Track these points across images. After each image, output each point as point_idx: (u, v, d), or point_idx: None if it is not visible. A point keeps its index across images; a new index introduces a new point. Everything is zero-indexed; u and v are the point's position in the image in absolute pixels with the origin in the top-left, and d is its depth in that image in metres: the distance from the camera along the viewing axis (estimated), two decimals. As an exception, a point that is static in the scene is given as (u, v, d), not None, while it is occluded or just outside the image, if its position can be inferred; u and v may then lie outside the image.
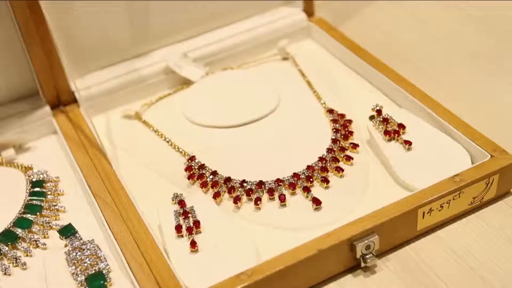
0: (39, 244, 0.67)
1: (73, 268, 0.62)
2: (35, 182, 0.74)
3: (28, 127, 0.82)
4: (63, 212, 0.72)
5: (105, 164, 0.74)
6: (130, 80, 0.86)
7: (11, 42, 0.79)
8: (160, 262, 0.62)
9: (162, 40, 0.89)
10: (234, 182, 0.70)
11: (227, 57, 0.90)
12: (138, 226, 0.66)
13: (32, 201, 0.71)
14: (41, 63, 0.80)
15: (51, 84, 0.82)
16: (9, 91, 0.83)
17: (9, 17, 0.77)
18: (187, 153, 0.75)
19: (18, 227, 0.68)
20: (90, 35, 0.84)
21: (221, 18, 0.91)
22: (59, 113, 0.83)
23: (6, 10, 0.77)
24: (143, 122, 0.82)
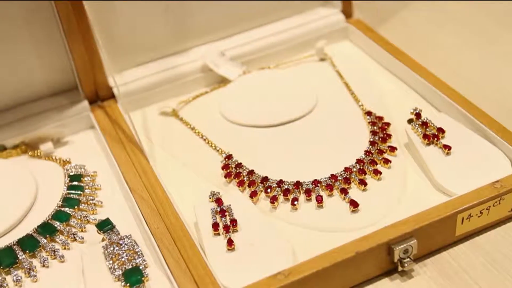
0: (76, 238, 0.68)
1: (110, 262, 0.63)
2: (73, 176, 0.75)
3: (66, 121, 0.83)
4: (100, 206, 0.72)
5: (142, 160, 0.74)
6: (167, 77, 0.86)
7: (53, 37, 0.80)
8: (197, 259, 0.62)
9: (200, 38, 0.89)
10: (271, 181, 0.70)
11: (264, 56, 0.90)
12: (175, 223, 0.66)
13: (70, 194, 0.72)
14: (81, 59, 0.81)
15: (90, 80, 0.83)
16: (49, 85, 0.84)
17: (52, 13, 0.78)
18: (224, 152, 0.76)
19: (56, 220, 0.69)
20: (129, 31, 0.85)
21: (260, 18, 0.91)
22: (97, 108, 0.84)
23: (50, 6, 0.77)
24: (180, 119, 0.82)
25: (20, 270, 0.65)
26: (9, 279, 0.64)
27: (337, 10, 0.93)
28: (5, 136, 0.81)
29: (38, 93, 0.84)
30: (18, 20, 0.77)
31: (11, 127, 0.81)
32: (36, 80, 0.83)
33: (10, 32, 0.78)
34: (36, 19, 0.78)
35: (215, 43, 0.90)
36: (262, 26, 0.92)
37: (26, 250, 0.66)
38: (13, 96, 0.83)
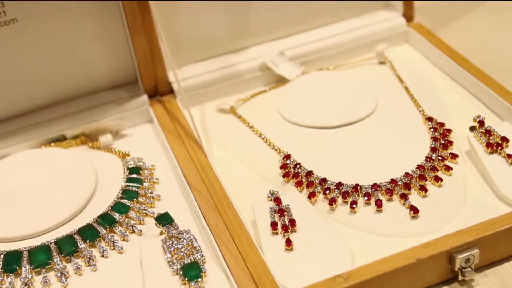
0: (135, 230, 0.69)
1: (169, 256, 0.63)
2: (132, 168, 0.75)
3: (125, 114, 0.84)
4: (158, 200, 0.73)
5: (201, 156, 0.75)
6: (226, 74, 0.87)
7: (117, 31, 0.81)
8: (255, 257, 0.62)
9: (260, 36, 0.89)
10: (329, 183, 0.70)
11: (323, 57, 0.89)
12: (233, 220, 0.66)
13: (129, 187, 0.73)
14: (143, 53, 0.82)
15: (150, 74, 0.83)
16: (110, 78, 0.85)
17: (117, 7, 0.79)
18: (282, 151, 0.76)
19: (115, 211, 0.70)
20: (190, 27, 0.85)
21: (320, 18, 0.91)
22: (156, 103, 0.85)
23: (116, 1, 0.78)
24: (238, 117, 0.82)
25: (80, 259, 0.66)
26: (70, 267, 0.65)
27: (398, 13, 0.92)
28: (66, 126, 0.82)
29: (99, 85, 0.85)
30: (85, 13, 0.78)
31: (72, 118, 0.83)
32: (98, 72, 0.84)
33: (77, 24, 0.79)
34: (102, 13, 0.79)
35: (274, 42, 0.90)
36: (322, 27, 0.91)
37: (87, 240, 0.67)
38: (75, 87, 0.84)
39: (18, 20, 0.76)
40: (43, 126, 0.82)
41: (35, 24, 0.77)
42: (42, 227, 0.68)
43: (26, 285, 0.63)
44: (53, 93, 0.83)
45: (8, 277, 0.64)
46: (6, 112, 0.82)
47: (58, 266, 0.65)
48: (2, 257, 0.65)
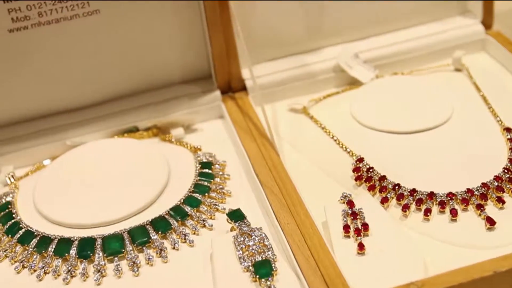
0: (206, 224, 0.69)
1: (240, 252, 0.63)
2: (204, 163, 0.76)
3: (197, 109, 0.84)
4: (229, 196, 0.73)
5: (273, 154, 0.75)
6: (299, 74, 0.86)
7: (194, 27, 0.82)
8: (327, 259, 0.62)
9: (335, 37, 0.89)
10: (403, 189, 0.69)
11: (397, 62, 0.88)
12: (305, 220, 0.66)
13: (201, 181, 0.73)
14: (219, 50, 0.82)
15: (225, 70, 0.84)
16: (184, 72, 0.86)
17: (197, 3, 0.80)
18: (355, 154, 0.75)
19: (187, 205, 0.70)
20: (266, 25, 0.85)
21: (396, 22, 0.90)
22: (228, 99, 0.85)
23: (196, -2, 0.79)
24: (311, 117, 0.82)
25: (152, 250, 0.66)
26: (141, 257, 0.66)
27: (477, 20, 0.90)
28: (139, 118, 0.83)
29: (173, 79, 0.86)
30: (165, 7, 0.79)
31: (145, 110, 0.84)
32: (173, 66, 0.85)
33: (156, 18, 0.80)
34: (182, 8, 0.80)
35: (349, 44, 0.89)
36: (398, 31, 0.90)
37: (159, 231, 0.67)
38: (149, 80, 0.85)
39: (100, 11, 0.77)
40: (117, 116, 0.83)
41: (116, 16, 0.78)
42: (116, 216, 0.69)
43: (99, 272, 0.64)
44: (128, 84, 0.84)
45: (82, 263, 0.65)
46: (82, 101, 0.84)
47: (131, 255, 0.65)
48: (76, 243, 0.67)
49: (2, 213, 0.72)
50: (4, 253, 0.68)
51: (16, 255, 0.67)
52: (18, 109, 0.82)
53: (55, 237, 0.68)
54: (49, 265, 0.66)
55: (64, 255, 0.66)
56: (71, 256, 0.66)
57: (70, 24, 0.77)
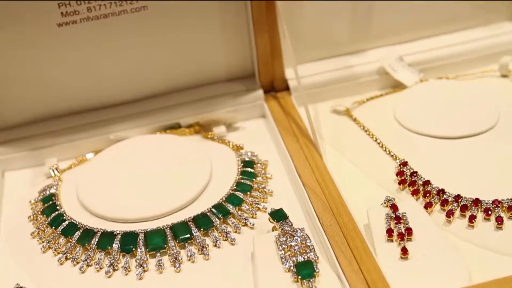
0: (247, 223, 0.69)
1: (282, 252, 0.63)
2: (246, 162, 0.76)
3: (240, 107, 0.84)
4: (270, 195, 0.73)
5: (315, 155, 0.75)
6: (343, 75, 0.86)
7: (239, 25, 0.82)
8: (370, 262, 0.61)
9: (380, 40, 0.88)
10: (447, 195, 0.68)
11: (443, 66, 0.87)
12: (348, 222, 0.66)
13: (243, 180, 0.73)
14: (264, 49, 0.82)
15: (269, 70, 0.84)
16: (228, 70, 0.86)
17: (243, 2, 0.80)
18: (398, 157, 0.74)
19: (229, 203, 0.70)
20: (311, 26, 0.85)
21: (442, 26, 0.89)
22: (271, 98, 0.85)
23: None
24: (354, 119, 0.82)
25: (194, 246, 0.67)
26: (183, 253, 0.66)
27: (525, 26, 0.89)
28: (181, 115, 0.84)
29: (216, 77, 0.86)
30: (212, 5, 0.80)
31: (188, 107, 0.84)
32: (217, 64, 0.85)
33: (202, 16, 0.80)
34: (228, 6, 0.80)
35: (394, 46, 0.88)
36: (444, 35, 0.90)
37: (201, 228, 0.68)
38: (193, 77, 0.85)
39: (148, 8, 0.78)
40: (160, 112, 0.84)
41: (163, 13, 0.79)
42: (159, 211, 0.70)
43: (141, 267, 0.65)
44: (172, 81, 0.85)
45: (124, 257, 0.66)
46: (126, 96, 0.84)
47: (173, 251, 0.66)
48: (119, 237, 0.67)
49: (46, 204, 0.73)
50: (48, 244, 0.69)
51: (60, 246, 0.68)
52: (63, 102, 0.83)
53: (98, 230, 0.68)
54: (92, 258, 0.66)
55: (106, 249, 0.67)
56: (114, 250, 0.66)
57: (118, 20, 0.78)
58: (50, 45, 0.78)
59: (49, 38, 0.77)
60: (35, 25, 0.76)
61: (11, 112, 0.82)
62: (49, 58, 0.79)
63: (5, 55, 0.77)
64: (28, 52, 0.77)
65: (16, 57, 0.78)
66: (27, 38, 0.76)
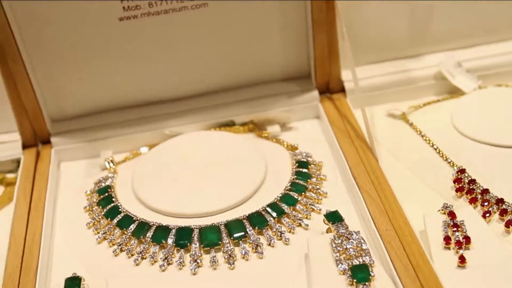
0: (301, 224, 0.69)
1: (337, 254, 0.63)
2: (301, 162, 0.76)
3: (294, 107, 0.84)
4: (324, 196, 0.73)
5: (371, 158, 0.74)
6: (399, 79, 0.85)
7: (298, 25, 0.82)
8: (427, 269, 0.60)
9: (439, 45, 0.87)
10: (507, 204, 0.67)
11: (502, 73, 0.86)
12: (404, 228, 0.65)
13: (297, 180, 0.73)
14: (321, 50, 0.82)
15: (325, 71, 0.84)
16: (283, 70, 0.86)
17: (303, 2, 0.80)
18: (456, 164, 0.73)
19: (284, 202, 0.70)
20: (370, 28, 0.85)
21: (502, 32, 0.88)
22: (326, 99, 0.85)
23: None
24: (410, 124, 0.81)
25: (248, 245, 0.67)
26: (237, 251, 0.66)
27: None
28: (236, 113, 0.84)
29: (272, 76, 0.86)
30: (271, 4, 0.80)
31: (242, 105, 0.84)
32: (273, 63, 0.85)
33: (261, 14, 0.80)
34: (287, 6, 0.80)
35: (452, 52, 0.87)
36: (504, 42, 0.88)
37: (255, 227, 0.68)
38: (249, 75, 0.85)
39: (208, 5, 0.78)
40: (214, 109, 0.84)
41: (223, 11, 0.79)
42: (214, 208, 0.70)
43: (195, 262, 0.65)
44: (228, 78, 0.85)
45: (178, 252, 0.66)
46: (182, 92, 0.85)
47: (227, 248, 0.66)
48: (174, 231, 0.68)
49: (102, 196, 0.74)
50: (103, 235, 0.70)
51: (115, 238, 0.69)
52: (120, 95, 0.84)
53: (153, 224, 0.69)
54: (147, 251, 0.67)
55: (161, 242, 0.67)
56: (168, 244, 0.67)
57: (178, 16, 0.78)
58: (110, 38, 0.79)
59: (110, 31, 0.78)
60: (97, 18, 0.77)
61: (70, 104, 0.83)
62: (109, 51, 0.80)
63: (66, 47, 0.78)
64: (89, 44, 0.79)
65: (76, 49, 0.79)
66: (89, 30, 0.77)
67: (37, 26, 0.76)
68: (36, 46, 0.78)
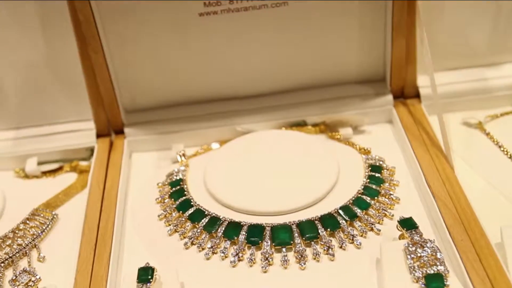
0: (373, 228, 0.68)
1: (411, 262, 0.62)
2: (374, 166, 0.75)
3: (367, 110, 0.83)
4: (397, 202, 0.72)
5: (446, 167, 0.73)
6: (477, 87, 0.84)
7: (376, 28, 0.81)
8: (505, 283, 0.59)
9: (520, 54, 0.85)
10: None
11: None
12: (480, 239, 0.64)
13: (370, 184, 0.72)
14: (399, 53, 0.81)
15: (401, 75, 0.83)
16: (358, 72, 0.85)
17: (383, 4, 0.79)
18: (535, 177, 0.72)
19: (356, 206, 0.70)
20: (450, 34, 0.83)
21: None
22: (400, 104, 0.84)
23: (385, 0, 0.78)
24: (487, 134, 0.79)
25: (319, 246, 0.66)
26: (308, 252, 0.66)
27: None
28: (308, 113, 0.84)
29: (346, 77, 0.85)
30: (351, 4, 0.79)
31: (315, 106, 0.84)
32: (349, 65, 0.84)
33: (341, 15, 0.80)
34: (367, 7, 0.79)
35: (532, 63, 0.85)
36: None
37: (327, 228, 0.67)
38: (323, 76, 0.85)
39: (288, 4, 0.78)
40: (287, 109, 0.84)
41: (302, 10, 0.79)
42: (285, 207, 0.70)
43: (267, 260, 0.65)
44: (302, 78, 0.85)
45: (250, 249, 0.66)
46: (255, 89, 0.85)
47: (299, 248, 0.66)
48: (245, 228, 0.68)
49: (174, 188, 0.75)
50: (175, 228, 0.70)
51: (186, 231, 0.69)
52: (194, 90, 0.84)
53: (225, 219, 0.69)
54: (218, 246, 0.67)
55: (233, 238, 0.67)
56: (240, 241, 0.67)
57: (258, 13, 0.78)
58: (188, 33, 0.79)
59: (189, 26, 0.79)
60: (177, 12, 0.77)
61: (144, 96, 0.84)
62: (186, 46, 0.80)
63: (144, 39, 0.79)
64: (167, 38, 0.79)
65: (154, 42, 0.80)
66: (168, 24, 0.78)
67: (118, 18, 0.77)
68: (115, 38, 0.79)
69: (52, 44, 0.79)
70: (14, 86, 0.82)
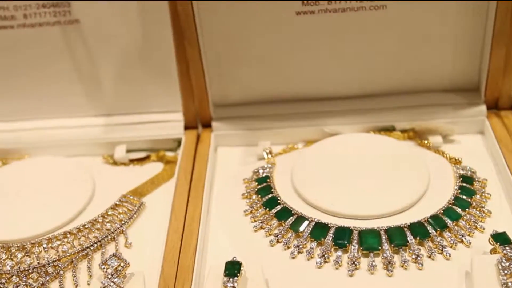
0: (464, 240, 0.67)
1: (504, 278, 0.60)
2: (465, 177, 0.73)
3: (458, 120, 0.82)
4: (488, 216, 0.70)
5: (541, 183, 0.71)
6: None
7: (474, 35, 0.79)
8: None
9: None
10: None
11: None
12: None
13: (461, 195, 0.71)
14: (497, 63, 0.79)
15: (497, 86, 0.80)
16: (451, 80, 0.83)
17: (485, 11, 0.77)
18: None
19: (447, 216, 0.68)
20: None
21: None
22: (493, 115, 0.82)
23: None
24: None
25: (407, 254, 0.65)
26: (396, 259, 0.65)
27: None
28: (397, 118, 0.83)
29: (438, 85, 0.84)
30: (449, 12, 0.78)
31: (405, 111, 0.83)
32: (442, 72, 0.83)
33: (438, 21, 0.78)
34: (467, 13, 0.78)
35: None
36: None
37: (416, 237, 0.66)
38: (415, 82, 0.84)
39: (387, 7, 0.77)
40: (376, 113, 0.83)
41: (401, 13, 0.78)
42: (374, 212, 0.69)
43: (354, 264, 0.64)
44: (394, 83, 0.84)
45: (336, 251, 0.66)
46: (345, 91, 0.84)
47: (386, 254, 0.65)
48: (333, 230, 0.67)
49: (261, 185, 0.75)
50: (261, 224, 0.70)
51: (272, 228, 0.70)
52: (284, 88, 0.84)
53: (312, 219, 0.69)
54: (304, 246, 0.67)
55: (319, 239, 0.67)
56: (326, 242, 0.66)
57: (355, 15, 0.78)
58: (284, 31, 0.79)
59: (285, 24, 0.79)
60: (275, 10, 0.78)
61: (233, 91, 0.85)
62: (280, 43, 0.80)
63: (239, 35, 0.79)
64: (262, 35, 0.80)
65: (249, 39, 0.80)
66: (265, 21, 0.78)
67: (217, 13, 0.78)
68: (211, 32, 0.79)
69: (149, 34, 0.80)
70: (108, 74, 0.84)
